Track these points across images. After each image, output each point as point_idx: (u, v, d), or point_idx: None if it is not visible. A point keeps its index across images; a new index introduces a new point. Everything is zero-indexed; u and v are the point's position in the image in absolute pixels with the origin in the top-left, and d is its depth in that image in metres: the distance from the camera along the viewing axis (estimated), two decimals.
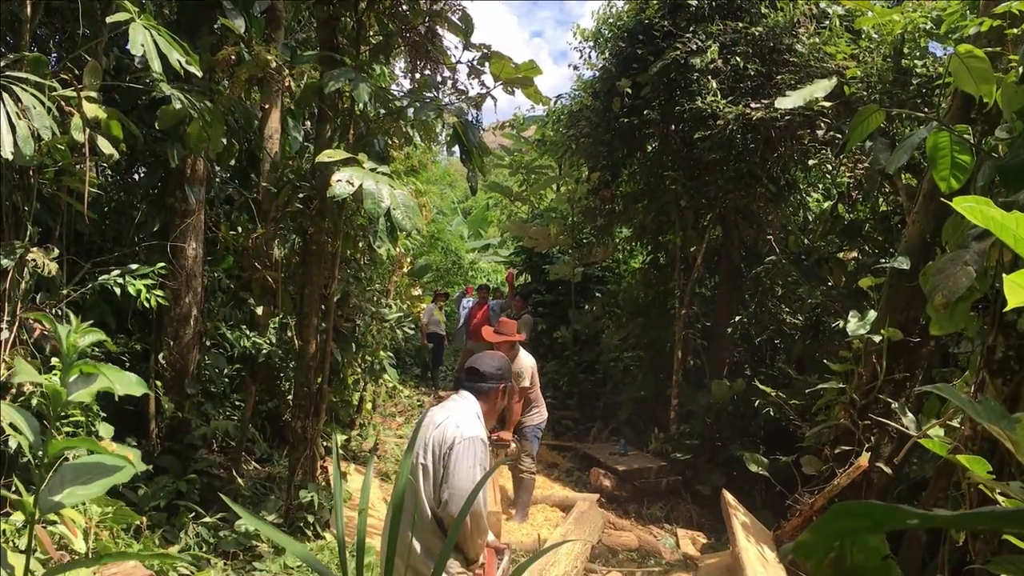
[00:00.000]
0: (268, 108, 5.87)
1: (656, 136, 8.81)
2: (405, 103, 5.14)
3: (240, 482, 5.57)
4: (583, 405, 10.95)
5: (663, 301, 9.97)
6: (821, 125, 7.27)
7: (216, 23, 5.57)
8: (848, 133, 4.51)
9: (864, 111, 4.25)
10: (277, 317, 6.14)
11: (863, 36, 7.24)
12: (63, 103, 3.95)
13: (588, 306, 11.99)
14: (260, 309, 5.68)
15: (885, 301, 5.07)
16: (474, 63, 5.11)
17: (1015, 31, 4.12)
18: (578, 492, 7.70)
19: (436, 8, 5.17)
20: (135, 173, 6.19)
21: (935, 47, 6.58)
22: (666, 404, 8.87)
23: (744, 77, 7.70)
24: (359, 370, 7.59)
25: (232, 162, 6.23)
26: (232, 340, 6.36)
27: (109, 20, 3.93)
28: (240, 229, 5.88)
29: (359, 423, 8.22)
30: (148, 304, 4.78)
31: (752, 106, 7.25)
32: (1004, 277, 1.57)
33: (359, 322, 7.02)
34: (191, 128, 4.65)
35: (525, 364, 6.35)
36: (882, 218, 7.39)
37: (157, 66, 3.93)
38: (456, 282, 17.64)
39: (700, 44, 7.85)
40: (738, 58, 7.67)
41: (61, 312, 4.30)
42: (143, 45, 3.87)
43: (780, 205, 8.36)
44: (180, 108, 4.37)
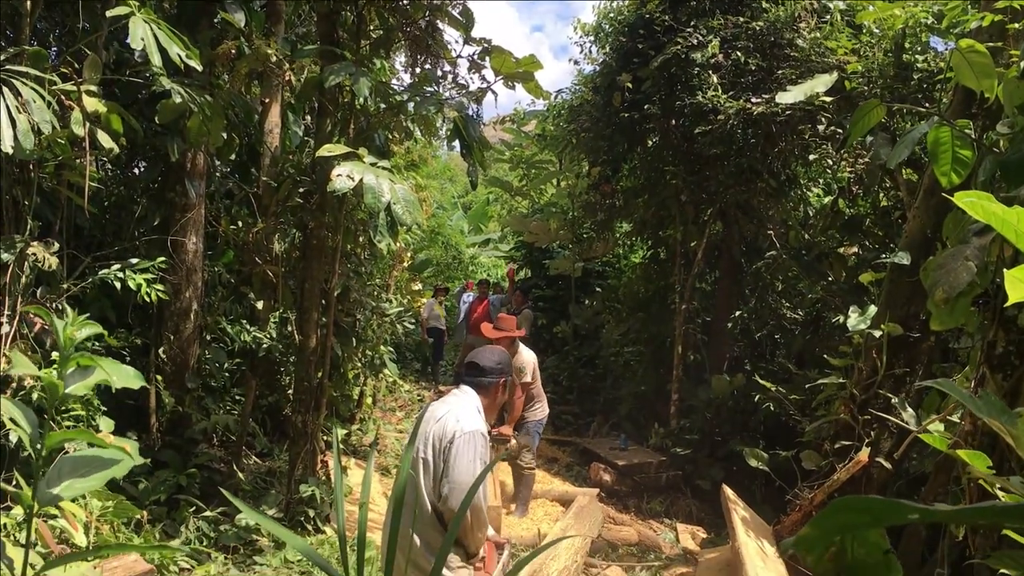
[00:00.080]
0: (268, 102, 5.86)
1: (657, 131, 8.79)
2: (405, 97, 5.12)
3: (240, 476, 5.58)
4: (583, 400, 10.94)
5: (663, 296, 9.96)
6: (822, 120, 7.26)
7: (216, 17, 5.57)
8: (849, 128, 4.50)
9: (865, 106, 4.24)
10: (277, 312, 6.14)
11: (864, 31, 7.22)
12: (63, 97, 3.94)
13: (588, 301, 11.98)
14: (260, 304, 5.67)
15: (885, 296, 5.07)
16: (474, 58, 5.10)
17: (1016, 26, 4.11)
18: (578, 487, 7.70)
19: (436, 2, 5.15)
20: (135, 167, 6.19)
21: (936, 42, 6.57)
22: (666, 399, 8.87)
23: (745, 72, 7.68)
24: (359, 365, 7.59)
25: (232, 156, 6.22)
26: (232, 334, 6.36)
27: (109, 14, 3.92)
28: (240, 223, 5.87)
29: (359, 418, 8.22)
30: (148, 298, 4.78)
31: (753, 101, 7.23)
32: (1005, 272, 1.57)
33: (359, 317, 7.03)
34: (191, 122, 4.64)
35: (526, 360, 6.35)
36: (883, 213, 7.39)
37: (157, 60, 3.93)
38: (456, 277, 17.61)
39: (701, 39, 7.83)
40: (739, 53, 7.65)
41: (61, 306, 4.31)
42: (143, 39, 3.86)
43: (781, 200, 8.35)
44: (180, 102, 4.37)
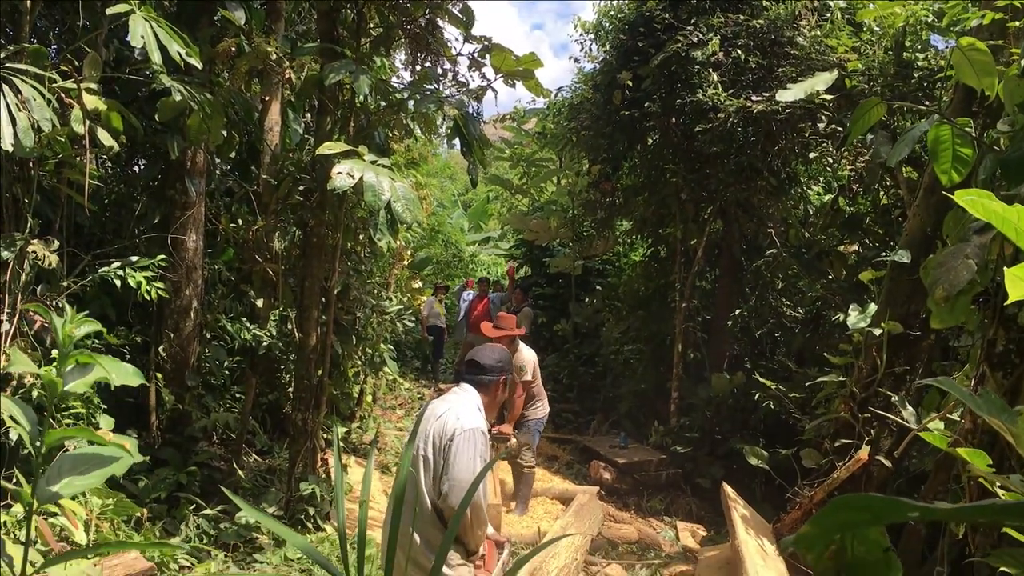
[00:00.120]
0: (268, 100, 5.85)
1: (657, 129, 8.78)
2: (405, 95, 5.12)
3: (240, 474, 5.58)
4: (583, 398, 10.94)
5: (663, 294, 9.96)
6: (822, 118, 7.25)
7: (216, 15, 5.56)
8: (849, 126, 4.50)
9: (865, 104, 4.24)
10: (277, 309, 6.14)
11: (864, 29, 7.21)
12: (63, 95, 3.94)
13: (588, 299, 11.97)
14: (260, 301, 5.68)
15: (885, 294, 5.07)
16: (475, 55, 5.10)
17: (1017, 24, 4.11)
18: (578, 485, 7.70)
19: (437, 0, 5.15)
20: (135, 165, 6.19)
21: (937, 40, 6.57)
22: (666, 397, 8.87)
23: (745, 70, 7.67)
24: (359, 363, 7.59)
25: (232, 154, 6.22)
26: (232, 332, 6.36)
27: (109, 12, 3.92)
28: (240, 221, 5.87)
29: (359, 416, 8.23)
30: (148, 296, 4.78)
31: (753, 99, 7.22)
32: (1005, 270, 1.57)
33: (359, 315, 7.03)
34: (191, 120, 4.64)
35: (527, 358, 6.34)
36: (883, 211, 7.39)
37: (157, 58, 3.92)
38: (456, 275, 17.61)
39: (701, 37, 7.83)
40: (739, 51, 7.64)
41: (61, 304, 4.31)
42: (143, 37, 3.86)
43: (781, 198, 8.34)
44: (180, 100, 4.36)
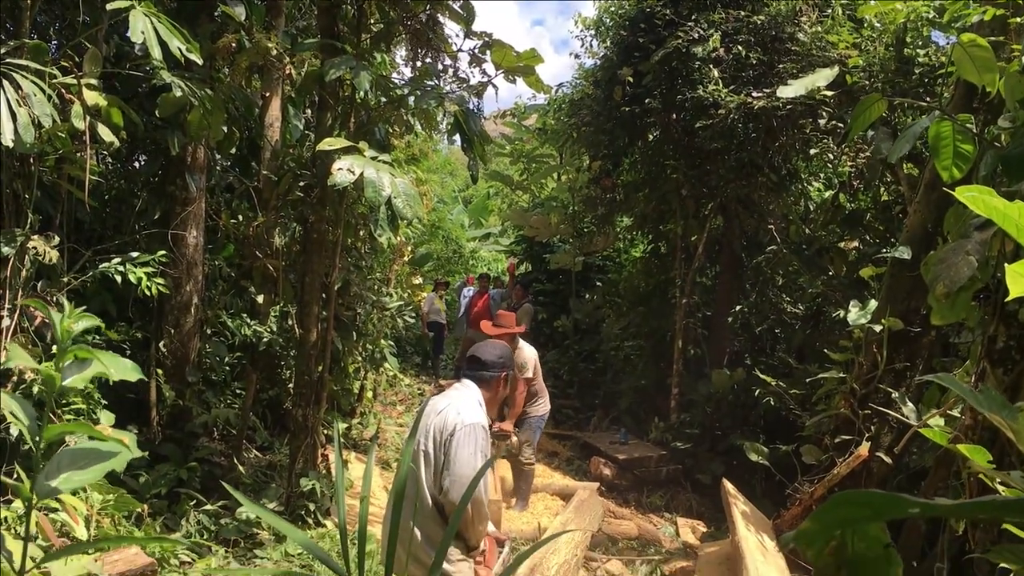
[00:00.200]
0: (269, 96, 5.84)
1: (657, 125, 8.78)
2: (406, 91, 5.12)
3: (241, 470, 5.59)
4: (583, 394, 10.95)
5: (664, 290, 9.96)
6: (823, 114, 7.25)
7: (216, 11, 5.54)
8: (850, 122, 4.49)
9: (866, 100, 4.23)
10: (278, 305, 6.14)
11: (865, 25, 7.21)
12: (63, 90, 3.94)
13: (589, 295, 11.97)
14: (261, 297, 5.68)
15: (886, 291, 5.07)
16: (475, 51, 5.09)
17: (1018, 20, 4.10)
18: (578, 481, 7.71)
19: None
20: (135, 161, 6.19)
21: (938, 36, 6.57)
22: (666, 393, 8.88)
23: (746, 66, 7.66)
24: (360, 358, 7.60)
25: (233, 150, 6.22)
26: (233, 328, 6.37)
27: (109, 7, 3.91)
28: (241, 217, 5.87)
29: (360, 411, 8.24)
30: (149, 292, 4.79)
31: (754, 95, 7.22)
32: (1006, 267, 1.57)
33: (360, 311, 7.03)
34: (191, 116, 4.63)
35: (527, 355, 6.34)
36: (883, 208, 7.38)
37: (157, 53, 3.92)
38: (457, 271, 17.62)
39: (702, 32, 7.81)
40: (740, 47, 7.63)
41: (61, 300, 4.31)
42: (143, 32, 3.85)
43: (781, 194, 8.34)
44: (180, 96, 4.36)
